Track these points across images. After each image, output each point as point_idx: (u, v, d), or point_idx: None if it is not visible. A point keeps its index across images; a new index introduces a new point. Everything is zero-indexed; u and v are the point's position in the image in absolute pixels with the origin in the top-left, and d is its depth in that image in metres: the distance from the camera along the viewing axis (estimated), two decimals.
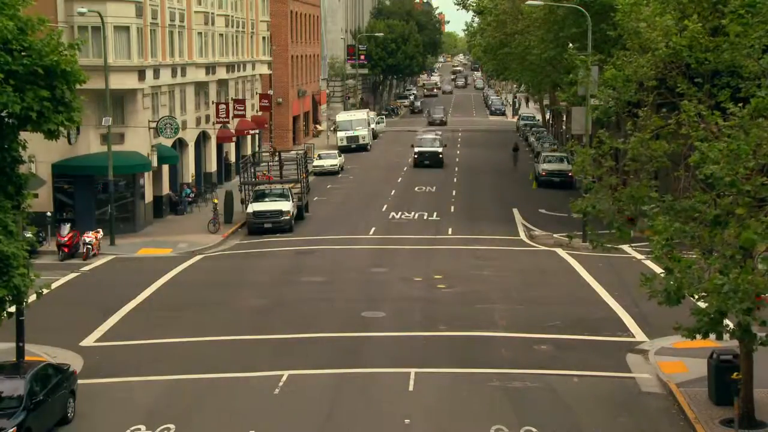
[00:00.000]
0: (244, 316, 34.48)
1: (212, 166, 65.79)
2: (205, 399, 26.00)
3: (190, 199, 57.52)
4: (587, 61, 32.21)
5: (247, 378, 27.59)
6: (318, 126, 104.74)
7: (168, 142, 54.45)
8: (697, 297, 22.16)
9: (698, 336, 22.24)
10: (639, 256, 41.38)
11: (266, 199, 52.75)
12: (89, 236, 44.91)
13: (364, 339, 31.37)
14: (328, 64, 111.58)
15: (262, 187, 54.97)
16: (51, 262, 43.21)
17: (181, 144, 58.85)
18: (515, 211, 57.30)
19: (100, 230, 46.58)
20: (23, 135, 24.07)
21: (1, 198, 23.13)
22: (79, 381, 25.81)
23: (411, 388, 26.66)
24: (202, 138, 64.07)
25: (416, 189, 66.52)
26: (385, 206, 59.39)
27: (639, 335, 31.58)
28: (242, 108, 67.54)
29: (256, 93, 78.76)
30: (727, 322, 22.39)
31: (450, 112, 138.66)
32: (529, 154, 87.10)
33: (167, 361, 29.26)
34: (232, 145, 70.47)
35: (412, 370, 27.79)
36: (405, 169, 77.79)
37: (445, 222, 54.24)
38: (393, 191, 65.79)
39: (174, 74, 56.99)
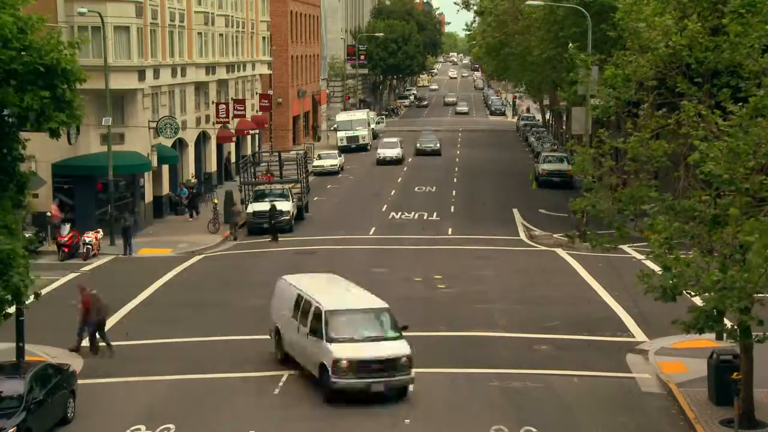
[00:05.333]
0: (244, 316, 34.46)
1: (212, 166, 65.80)
2: (205, 399, 25.98)
3: (184, 200, 57.07)
4: (587, 61, 32.14)
5: (247, 378, 27.58)
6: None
7: (168, 142, 54.45)
8: (693, 294, 22.17)
9: (693, 331, 22.21)
10: (639, 256, 41.35)
11: (266, 199, 52.74)
12: (89, 236, 44.90)
13: None
14: (328, 64, 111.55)
15: (262, 187, 54.94)
16: (51, 262, 43.21)
17: (181, 144, 58.85)
18: (515, 211, 57.31)
19: (100, 230, 46.57)
20: (23, 134, 24.07)
21: (2, 197, 23.12)
22: (79, 381, 25.80)
23: (411, 388, 26.62)
24: (202, 138, 64.08)
25: (416, 189, 66.52)
26: (385, 206, 59.40)
27: (639, 335, 31.59)
28: (242, 108, 67.56)
29: (256, 93, 78.76)
30: (726, 321, 22.40)
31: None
32: (529, 154, 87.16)
33: (167, 361, 29.24)
34: (232, 145, 70.48)
35: (412, 370, 27.73)
36: (405, 169, 77.83)
37: (445, 222, 54.24)
38: (393, 191, 65.80)
39: (174, 74, 56.99)
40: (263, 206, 51.73)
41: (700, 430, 23.21)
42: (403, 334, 26.01)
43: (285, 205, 51.84)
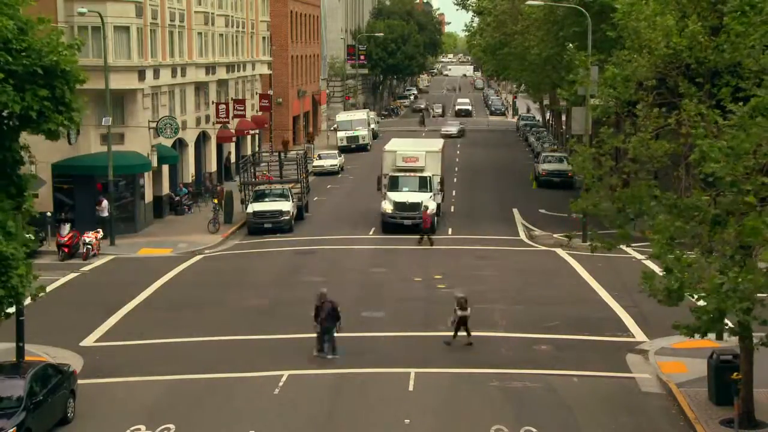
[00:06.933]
0: (244, 316, 34.47)
1: (212, 166, 65.78)
2: (205, 399, 26.00)
3: (185, 199, 57.00)
4: (586, 62, 32.11)
5: (247, 378, 27.59)
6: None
7: (168, 142, 54.43)
8: (696, 297, 22.15)
9: (697, 336, 22.22)
10: (639, 256, 41.35)
11: (266, 199, 52.74)
12: (89, 236, 44.88)
13: (364, 339, 31.37)
14: (328, 64, 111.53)
15: (262, 187, 54.93)
16: (51, 262, 43.19)
17: (181, 144, 58.82)
18: (515, 211, 57.29)
19: (100, 230, 46.55)
20: (23, 136, 24.06)
21: (3, 198, 23.11)
22: (79, 381, 25.81)
23: (411, 388, 26.66)
24: (202, 138, 64.06)
25: None
26: None
27: (639, 335, 31.59)
28: (242, 108, 67.52)
29: (256, 93, 78.73)
30: (726, 321, 22.38)
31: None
32: (529, 154, 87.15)
33: (167, 361, 29.25)
34: (232, 145, 70.46)
35: (412, 370, 27.79)
36: None
37: (445, 222, 54.21)
38: None
39: (174, 74, 56.97)
40: (263, 206, 51.76)
41: (700, 430, 23.22)
42: None
43: (285, 205, 51.84)
